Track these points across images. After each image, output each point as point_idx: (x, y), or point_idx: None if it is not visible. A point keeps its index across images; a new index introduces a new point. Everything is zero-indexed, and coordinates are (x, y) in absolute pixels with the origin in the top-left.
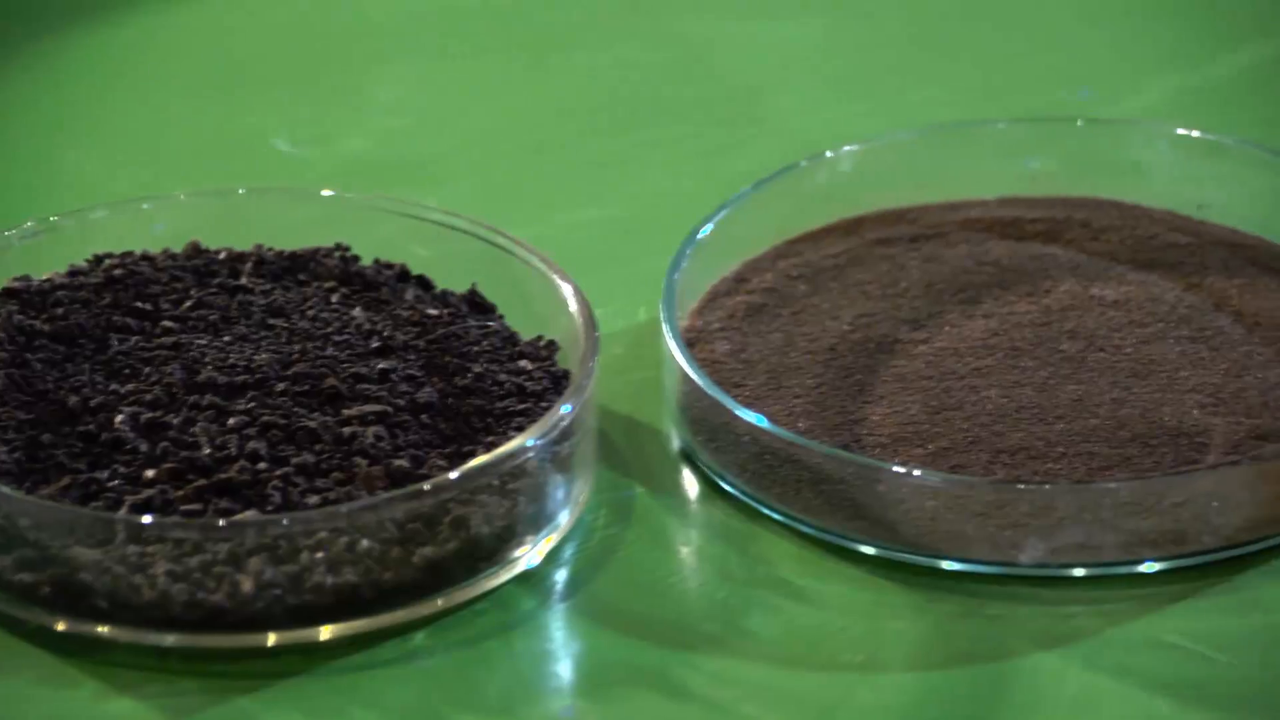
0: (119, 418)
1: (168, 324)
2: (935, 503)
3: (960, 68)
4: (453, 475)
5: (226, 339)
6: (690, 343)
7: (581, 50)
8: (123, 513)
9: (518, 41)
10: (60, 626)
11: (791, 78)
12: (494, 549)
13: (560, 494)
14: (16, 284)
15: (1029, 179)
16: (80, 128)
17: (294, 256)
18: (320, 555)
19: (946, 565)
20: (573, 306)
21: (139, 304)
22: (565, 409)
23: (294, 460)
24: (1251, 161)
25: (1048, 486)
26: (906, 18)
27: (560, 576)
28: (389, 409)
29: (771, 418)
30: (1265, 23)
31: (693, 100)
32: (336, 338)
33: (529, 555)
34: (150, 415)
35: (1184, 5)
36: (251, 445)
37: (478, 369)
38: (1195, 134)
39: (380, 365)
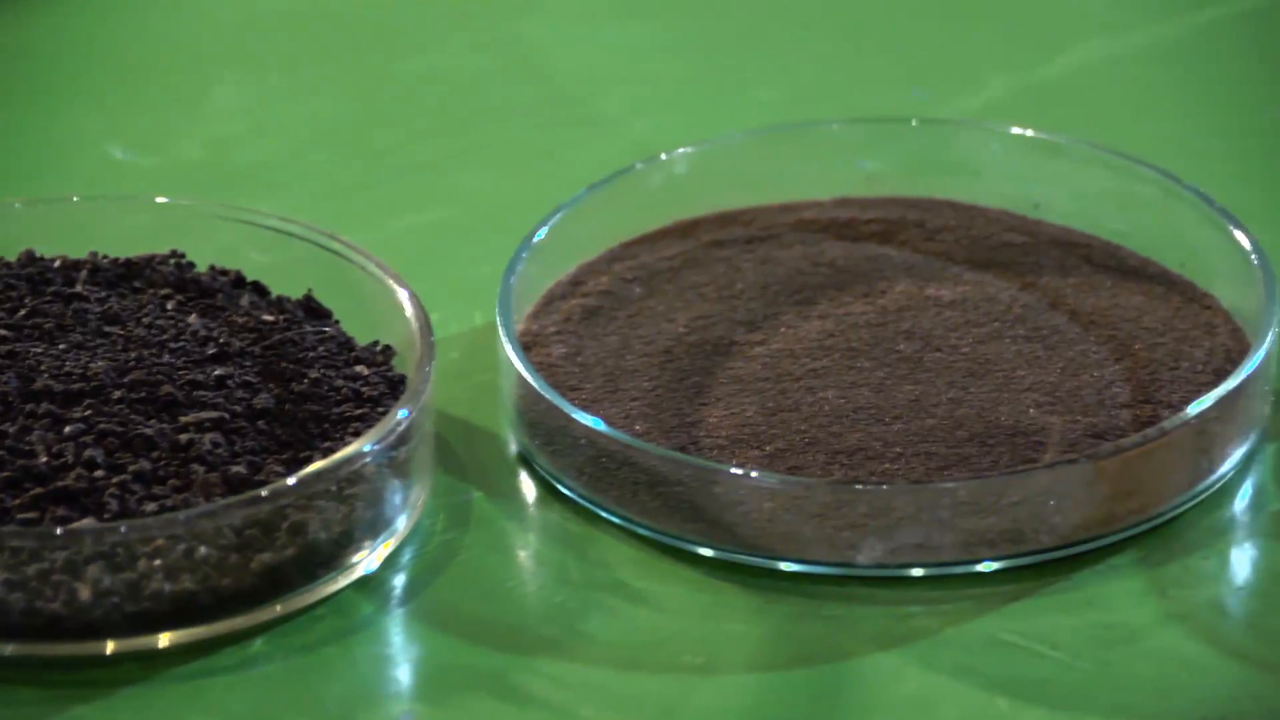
0: None
1: (2, 332)
2: (773, 504)
3: (794, 69)
4: (290, 481)
5: (62, 347)
6: (526, 346)
7: (416, 54)
8: None
9: (351, 46)
10: None
11: (626, 80)
12: (332, 554)
13: (398, 499)
14: None
15: (864, 180)
16: None
17: (129, 264)
18: (158, 562)
19: (785, 566)
20: (409, 311)
21: None
22: (402, 414)
23: (131, 468)
24: (1085, 160)
25: (885, 487)
26: (739, 20)
27: (398, 581)
28: (225, 415)
29: (608, 420)
30: (1097, 22)
31: (527, 103)
32: (172, 345)
33: (367, 560)
34: None
35: (1016, 5)
36: (88, 453)
37: (314, 375)
38: (1029, 133)
39: (216, 372)
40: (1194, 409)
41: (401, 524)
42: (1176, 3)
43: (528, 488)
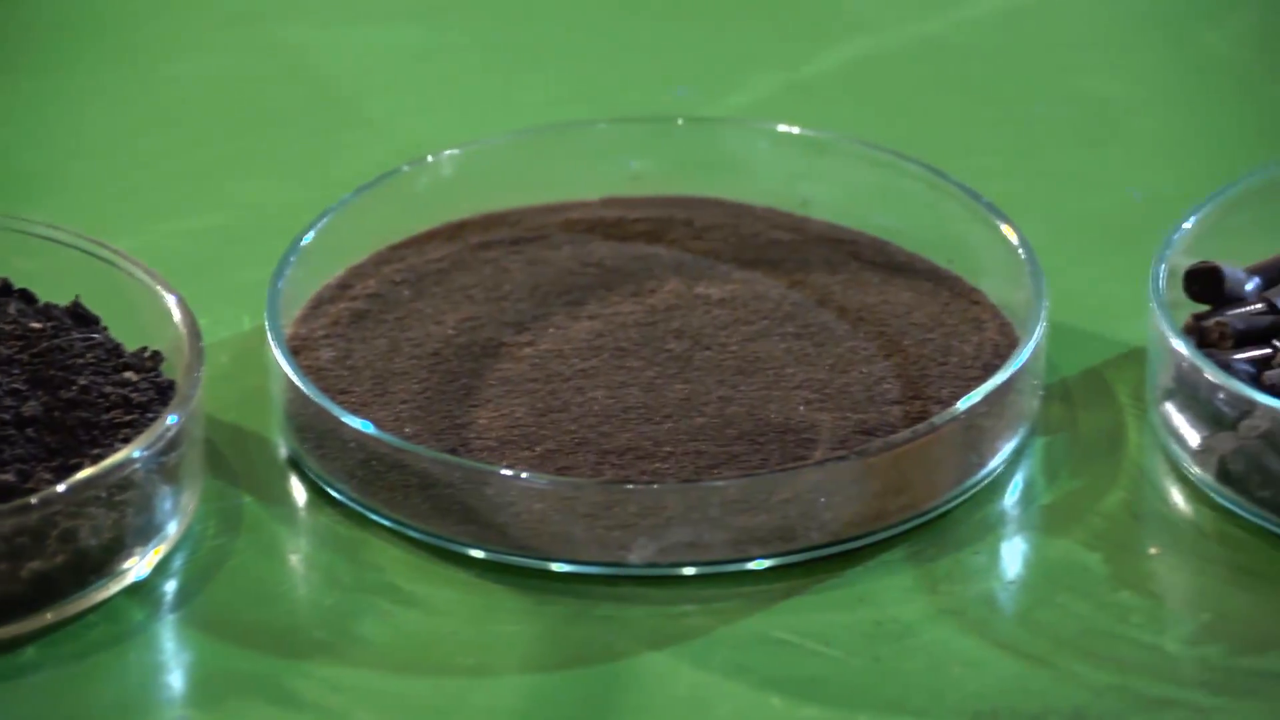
0: None
1: None
2: (544, 505)
3: (559, 69)
4: (60, 488)
5: None
6: (295, 350)
7: (182, 58)
8: None
9: (118, 52)
10: None
11: (392, 82)
12: (103, 561)
13: (168, 505)
14: None
15: (631, 179)
16: None
17: None
18: None
19: (556, 567)
20: (176, 317)
21: None
22: (171, 419)
23: None
24: (852, 156)
25: (656, 486)
26: (504, 21)
27: (170, 587)
28: None
29: (378, 423)
30: (862, 18)
31: (294, 107)
32: None
33: (138, 567)
34: None
35: (781, 2)
36: None
37: (82, 381)
38: (796, 130)
39: None
40: (963, 404)
41: (172, 530)
42: None
43: (298, 492)
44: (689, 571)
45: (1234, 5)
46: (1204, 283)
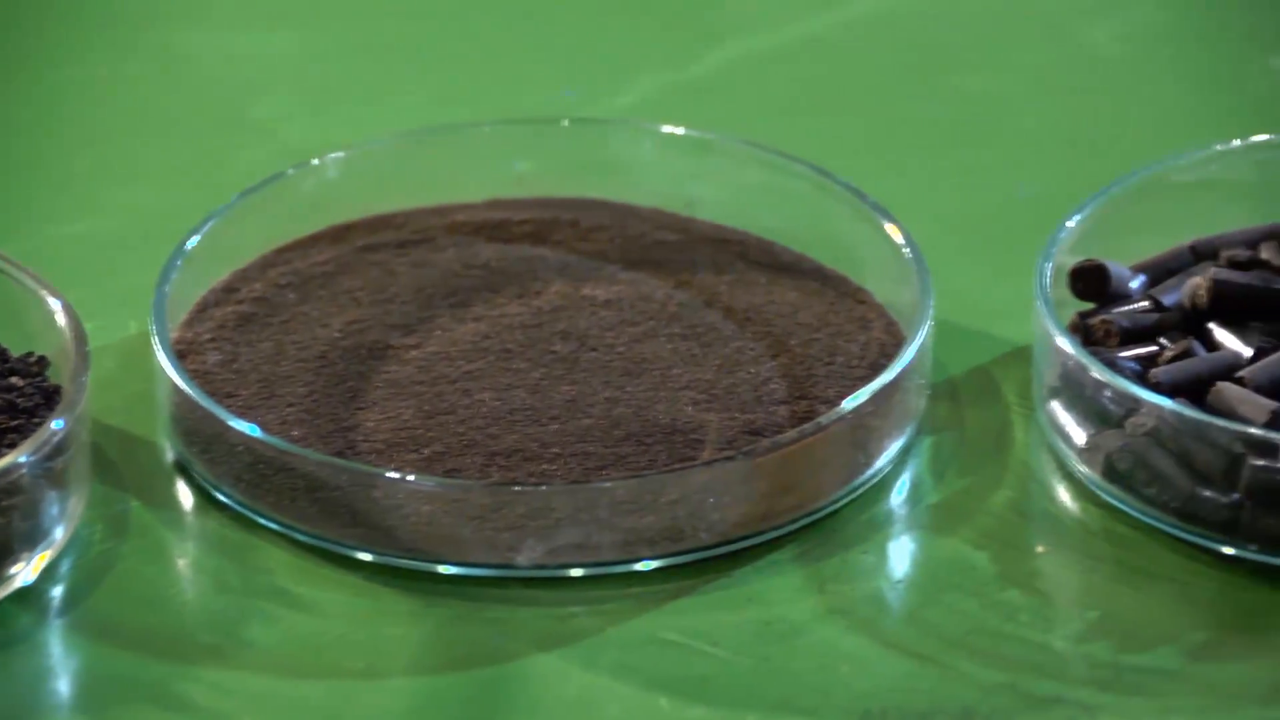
0: None
1: None
2: (431, 507)
3: (444, 71)
4: None
5: None
6: (181, 354)
7: (66, 64)
8: None
9: (2, 56)
10: None
11: (276, 86)
12: None
13: (55, 510)
14: None
15: (516, 181)
16: None
17: None
18: None
19: (444, 569)
20: (62, 321)
21: None
22: (57, 424)
23: None
24: (737, 157)
25: (543, 488)
26: (389, 23)
27: (56, 593)
28: None
29: (264, 427)
30: (747, 19)
31: (178, 111)
32: None
33: (24, 572)
34: None
35: (665, 3)
36: None
37: None
38: (681, 131)
39: None
40: (850, 404)
41: (59, 535)
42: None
43: (185, 496)
44: (577, 573)
45: (1117, 2)
46: (1089, 281)
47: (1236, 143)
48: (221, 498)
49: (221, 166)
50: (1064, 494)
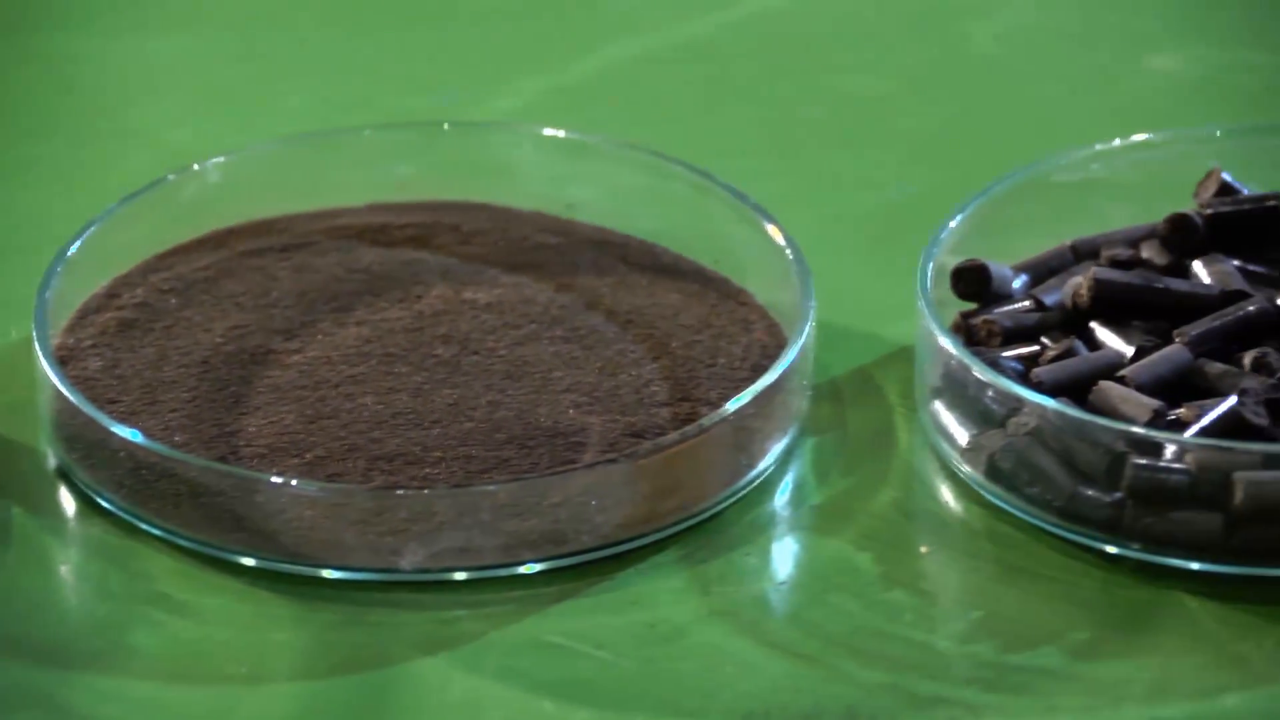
0: None
1: None
2: (314, 512)
3: (324, 76)
4: None
5: None
6: (63, 361)
7: None
8: None
9: None
10: None
11: (156, 91)
12: None
13: None
14: None
15: (397, 185)
16: None
17: None
18: None
19: (328, 574)
20: None
21: None
22: None
23: None
24: (618, 159)
25: (426, 491)
26: (269, 28)
27: None
28: None
29: (147, 432)
30: (626, 21)
31: (58, 117)
32: None
33: None
34: None
35: (544, 6)
36: None
37: None
38: (562, 134)
39: None
40: (732, 405)
41: None
42: (704, 1)
43: (68, 502)
44: (460, 576)
45: (998, 3)
46: (971, 281)
47: (1117, 142)
48: (104, 504)
49: (103, 172)
50: (947, 494)
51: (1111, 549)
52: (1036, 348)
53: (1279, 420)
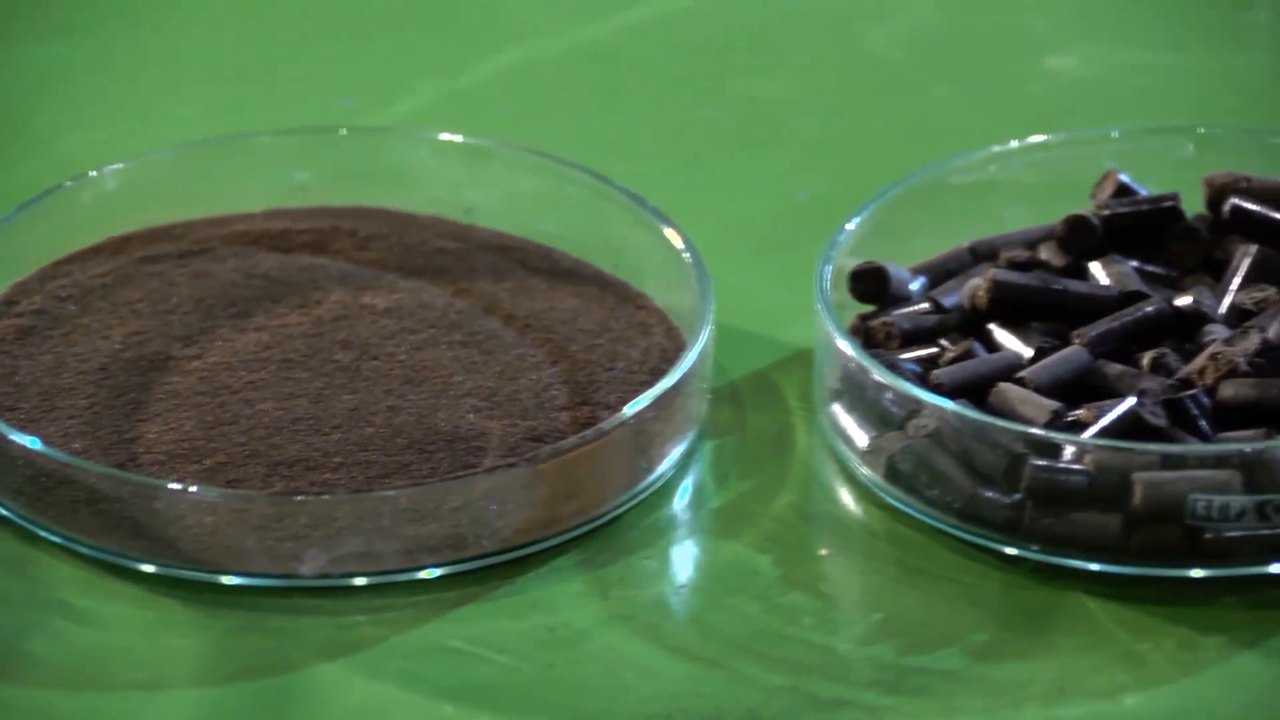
0: None
1: None
2: (214, 518)
3: (221, 82)
4: None
5: None
6: None
7: None
8: None
9: None
10: None
11: (53, 98)
12: None
13: None
14: None
15: (295, 190)
16: None
17: None
18: None
19: (228, 580)
20: None
21: None
22: None
23: None
24: (515, 164)
25: (326, 497)
26: (165, 34)
27: None
28: None
29: (45, 439)
30: (523, 25)
31: None
32: None
33: None
34: None
35: (441, 10)
36: None
37: None
38: (459, 139)
39: None
40: (631, 409)
41: None
42: (601, 4)
43: None
44: (361, 582)
45: (895, 5)
46: (869, 283)
47: (1014, 144)
48: (2, 511)
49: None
50: (846, 496)
51: (1011, 550)
52: (935, 350)
53: (1177, 421)
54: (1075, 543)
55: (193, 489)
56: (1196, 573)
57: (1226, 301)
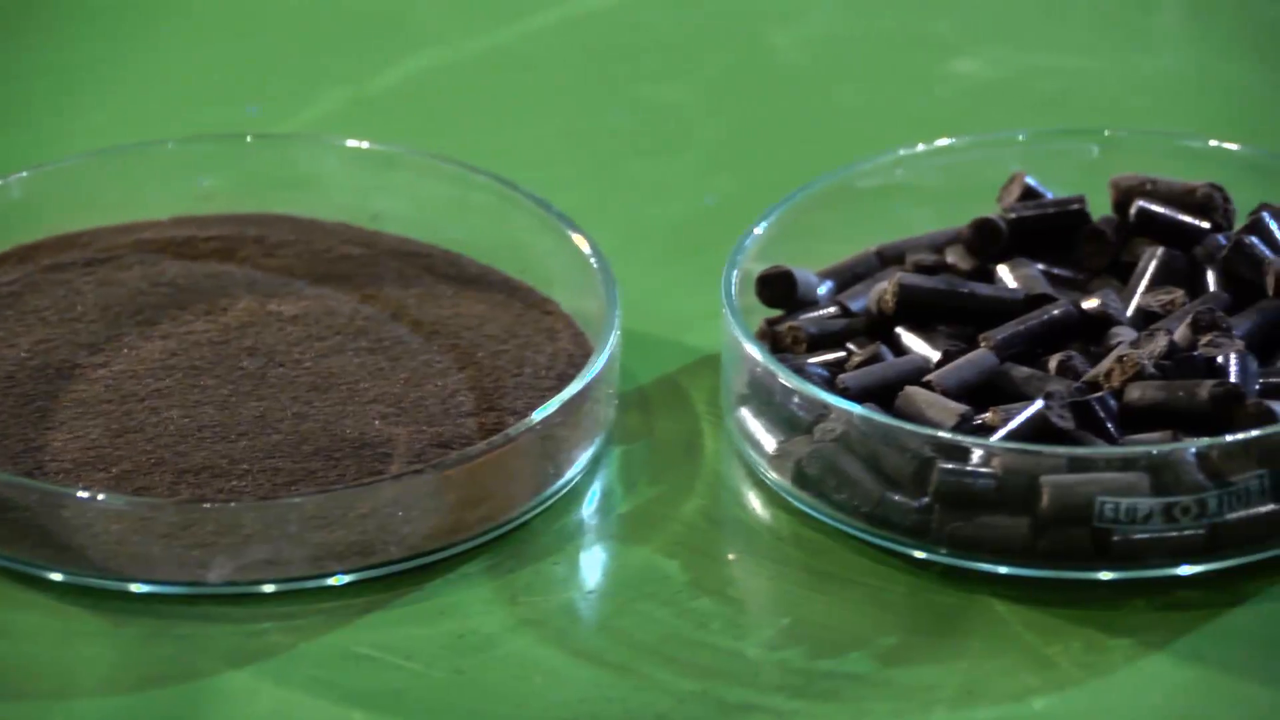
0: None
1: None
2: (121, 526)
3: (128, 89)
4: None
5: None
6: None
7: None
8: None
9: None
10: None
11: None
12: None
13: None
14: None
15: (202, 198)
16: None
17: None
18: None
19: (135, 588)
20: None
21: None
22: None
23: None
24: (421, 170)
25: (233, 504)
26: (70, 41)
27: None
28: None
29: None
30: (429, 31)
31: None
32: None
33: None
34: None
35: (347, 16)
36: None
37: None
38: (365, 145)
39: None
40: (538, 415)
41: None
42: (506, 10)
43: None
44: (269, 589)
45: (801, 9)
46: (776, 287)
47: (920, 147)
48: None
49: None
50: (754, 501)
51: (919, 554)
52: (842, 354)
53: (1084, 423)
54: (983, 546)
55: (100, 497)
56: (1104, 575)
57: (1133, 304)
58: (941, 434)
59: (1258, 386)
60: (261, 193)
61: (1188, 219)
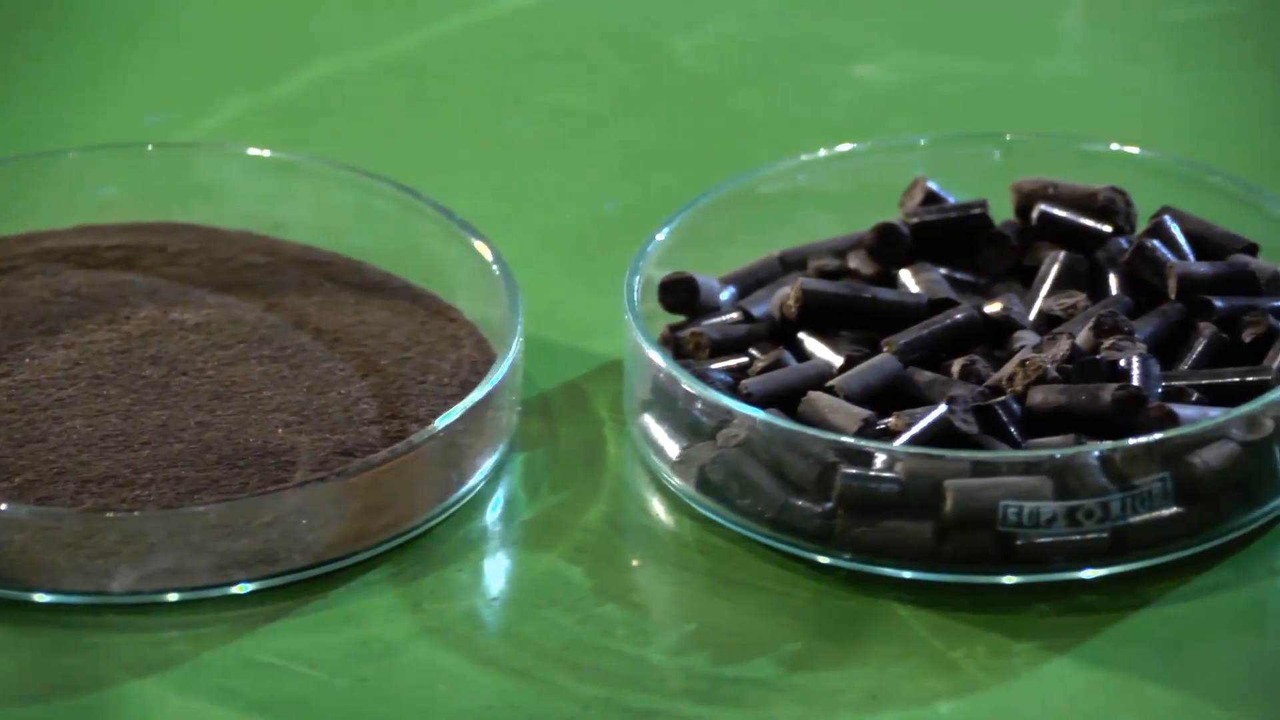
0: None
1: None
2: (24, 536)
3: (25, 99)
4: None
5: None
6: None
7: None
8: None
9: None
10: None
11: None
12: None
13: None
14: None
15: (103, 206)
16: None
17: None
18: None
19: (39, 598)
20: None
21: None
22: None
23: None
24: (324, 178)
25: (136, 514)
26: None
27: None
28: None
29: None
30: (330, 38)
31: None
32: None
33: None
34: None
35: (248, 24)
36: None
37: None
38: (267, 153)
39: None
40: (441, 422)
41: None
42: (408, 17)
43: None
44: (173, 598)
45: (703, 15)
46: (678, 293)
47: (822, 152)
48: None
49: None
50: (658, 507)
51: (823, 559)
52: (745, 359)
53: (988, 428)
54: (887, 551)
55: (2, 507)
56: (1008, 579)
57: (1036, 308)
58: (845, 439)
59: (1160, 389)
60: (164, 201)
61: (1089, 223)
